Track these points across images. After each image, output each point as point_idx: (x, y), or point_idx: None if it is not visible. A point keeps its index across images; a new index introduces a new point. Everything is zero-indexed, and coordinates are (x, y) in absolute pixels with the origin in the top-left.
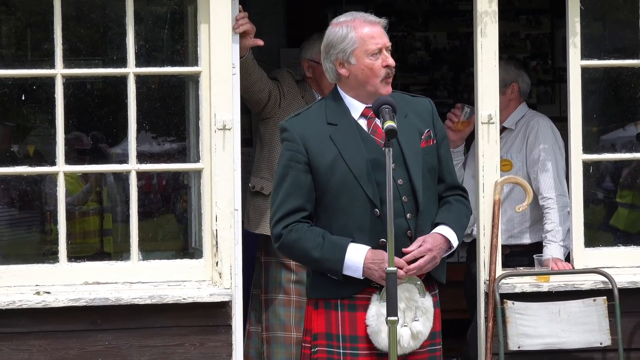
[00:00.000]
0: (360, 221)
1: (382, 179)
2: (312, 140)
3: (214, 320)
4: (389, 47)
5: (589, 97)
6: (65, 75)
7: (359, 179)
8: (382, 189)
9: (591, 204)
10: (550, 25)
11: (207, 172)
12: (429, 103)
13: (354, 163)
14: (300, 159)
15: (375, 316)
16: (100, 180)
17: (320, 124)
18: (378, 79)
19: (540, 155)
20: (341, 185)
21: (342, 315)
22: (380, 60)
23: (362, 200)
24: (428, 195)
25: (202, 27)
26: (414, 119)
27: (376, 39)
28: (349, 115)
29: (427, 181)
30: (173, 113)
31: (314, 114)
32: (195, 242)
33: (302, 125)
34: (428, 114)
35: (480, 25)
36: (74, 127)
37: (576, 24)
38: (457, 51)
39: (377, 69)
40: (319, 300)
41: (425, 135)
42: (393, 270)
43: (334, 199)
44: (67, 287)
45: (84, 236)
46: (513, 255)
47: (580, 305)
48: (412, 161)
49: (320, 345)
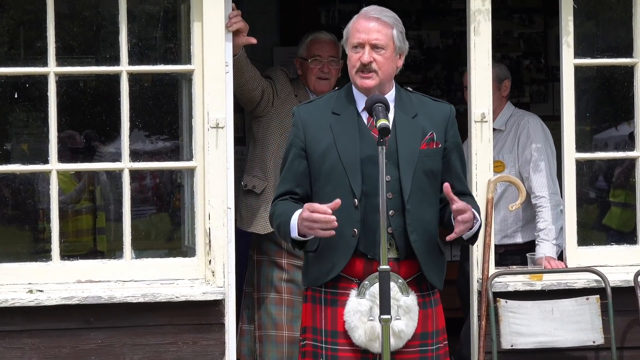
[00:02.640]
0: (340, 210)
1: (370, 172)
2: (312, 127)
3: (207, 318)
4: (375, 45)
5: (582, 96)
6: (58, 74)
7: (346, 168)
8: (368, 183)
9: (584, 203)
10: (544, 24)
11: (200, 171)
12: (449, 109)
13: (345, 153)
14: (297, 144)
15: (352, 312)
16: (93, 178)
17: (326, 113)
18: (353, 70)
19: (532, 155)
20: (330, 173)
21: (324, 309)
22: (360, 54)
23: (345, 190)
24: (420, 197)
25: (195, 25)
26: (423, 120)
27: (360, 33)
28: (354, 106)
29: (420, 183)
30: (166, 111)
31: (324, 102)
32: (188, 240)
33: (308, 111)
34: (443, 119)
35: (474, 23)
36: (67, 126)
37: (569, 22)
38: (450, 50)
39: (354, 61)
40: (308, 293)
41: (428, 137)
42: (386, 268)
43: (322, 185)
44: (60, 286)
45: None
46: (507, 254)
47: (573, 304)
48: (405, 160)
49: (308, 339)
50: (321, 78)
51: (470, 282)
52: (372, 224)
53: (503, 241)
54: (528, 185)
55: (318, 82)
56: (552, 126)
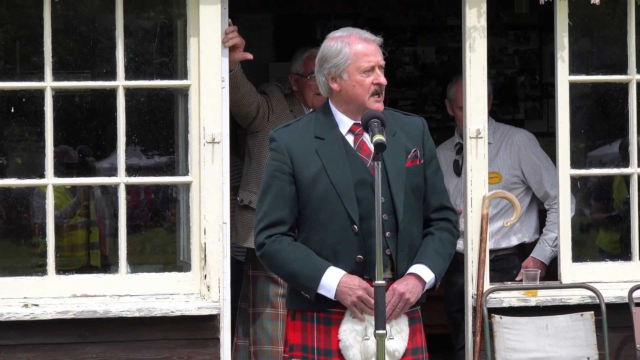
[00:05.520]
0: (338, 236)
1: (363, 195)
2: (298, 152)
3: (202, 333)
4: (382, 66)
5: (577, 112)
6: (55, 88)
7: (340, 193)
8: (363, 206)
9: (579, 219)
10: (539, 40)
11: (196, 186)
12: (421, 122)
13: (336, 178)
14: (285, 169)
15: (347, 331)
16: (89, 193)
17: (308, 137)
18: (367, 95)
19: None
20: (322, 199)
21: (317, 327)
22: (373, 77)
23: (342, 216)
24: (410, 215)
25: (192, 40)
26: (402, 137)
27: (369, 57)
28: (337, 130)
29: (409, 200)
30: (162, 126)
31: (303, 126)
32: (183, 255)
33: (290, 136)
34: (418, 133)
35: (469, 40)
36: (62, 140)
37: (564, 38)
38: (446, 66)
39: (367, 85)
40: (296, 311)
41: (412, 154)
42: (381, 283)
43: (315, 212)
44: (56, 300)
45: (71, 249)
46: (498, 260)
47: (568, 320)
48: (394, 180)
49: (296, 357)
50: (319, 94)
51: (464, 297)
52: (372, 247)
53: (494, 246)
54: (542, 192)
55: (316, 99)
56: (547, 142)
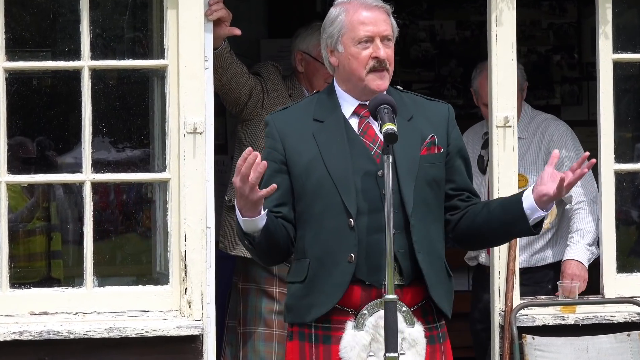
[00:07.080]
0: (332, 232)
1: (364, 186)
2: (292, 137)
3: (182, 356)
4: (386, 36)
5: (623, 97)
6: (8, 69)
7: (336, 183)
8: (362, 198)
9: (624, 223)
10: (577, 13)
11: (175, 183)
12: (447, 109)
13: (333, 165)
14: (276, 157)
15: (348, 348)
16: (49, 193)
17: (306, 120)
18: (364, 70)
19: (564, 162)
20: (317, 190)
21: (315, 347)
22: (371, 49)
23: (338, 209)
24: (423, 211)
25: (169, 13)
26: (420, 122)
27: (367, 26)
28: (339, 111)
29: (423, 194)
30: (135, 114)
31: (302, 108)
32: (160, 265)
33: (285, 120)
34: (442, 120)
35: (495, 12)
36: (17, 131)
37: (607, 10)
38: (468, 43)
39: (364, 59)
40: (294, 330)
41: (429, 140)
42: (392, 297)
43: (309, 205)
44: (10, 318)
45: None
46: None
47: (612, 341)
48: (404, 170)
49: None
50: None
51: (490, 314)
52: (372, 246)
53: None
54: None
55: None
56: (588, 133)
